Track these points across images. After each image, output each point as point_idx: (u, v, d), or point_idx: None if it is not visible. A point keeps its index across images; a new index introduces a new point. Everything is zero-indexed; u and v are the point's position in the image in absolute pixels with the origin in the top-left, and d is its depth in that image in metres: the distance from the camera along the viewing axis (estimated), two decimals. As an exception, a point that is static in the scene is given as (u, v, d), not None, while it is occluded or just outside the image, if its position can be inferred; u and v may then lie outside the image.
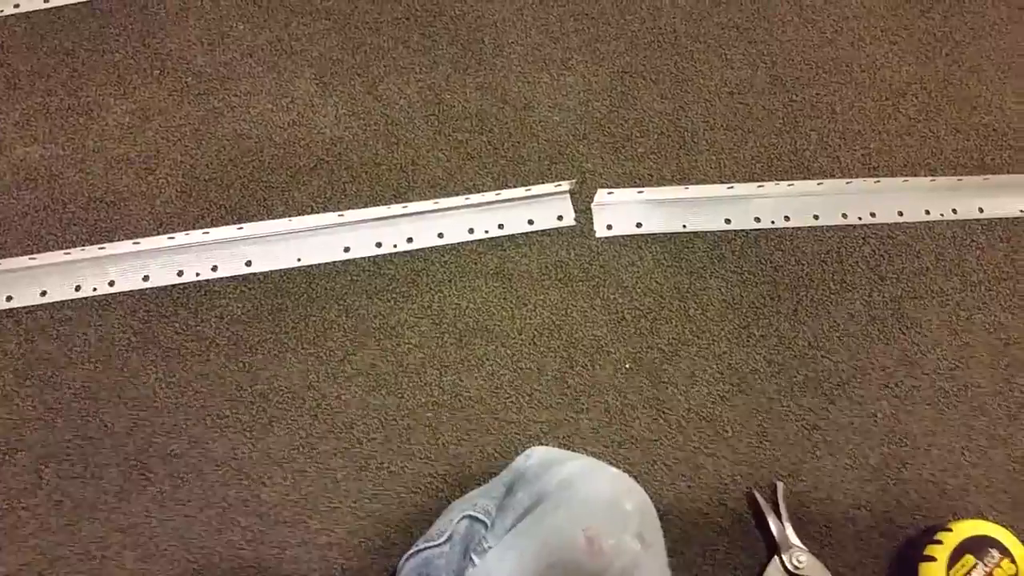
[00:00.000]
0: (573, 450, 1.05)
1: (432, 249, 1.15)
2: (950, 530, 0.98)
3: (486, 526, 0.85)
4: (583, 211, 1.19)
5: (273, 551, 0.98)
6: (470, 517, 0.86)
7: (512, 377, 1.09)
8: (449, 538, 0.85)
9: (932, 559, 0.97)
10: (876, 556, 1.03)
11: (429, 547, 0.85)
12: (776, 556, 0.98)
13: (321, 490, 1.01)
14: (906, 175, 1.26)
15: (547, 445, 1.05)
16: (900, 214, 1.23)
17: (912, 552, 1.00)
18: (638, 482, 0.93)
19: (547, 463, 0.91)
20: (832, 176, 1.25)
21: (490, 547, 0.82)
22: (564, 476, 0.87)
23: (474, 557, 0.82)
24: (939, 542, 0.98)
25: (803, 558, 0.97)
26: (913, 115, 1.31)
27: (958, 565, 0.96)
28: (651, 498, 0.89)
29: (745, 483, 1.04)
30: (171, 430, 1.02)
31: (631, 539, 0.81)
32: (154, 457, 1.01)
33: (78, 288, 1.08)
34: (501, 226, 1.17)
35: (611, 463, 1.03)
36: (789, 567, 0.97)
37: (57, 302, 1.08)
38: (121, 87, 1.22)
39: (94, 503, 0.99)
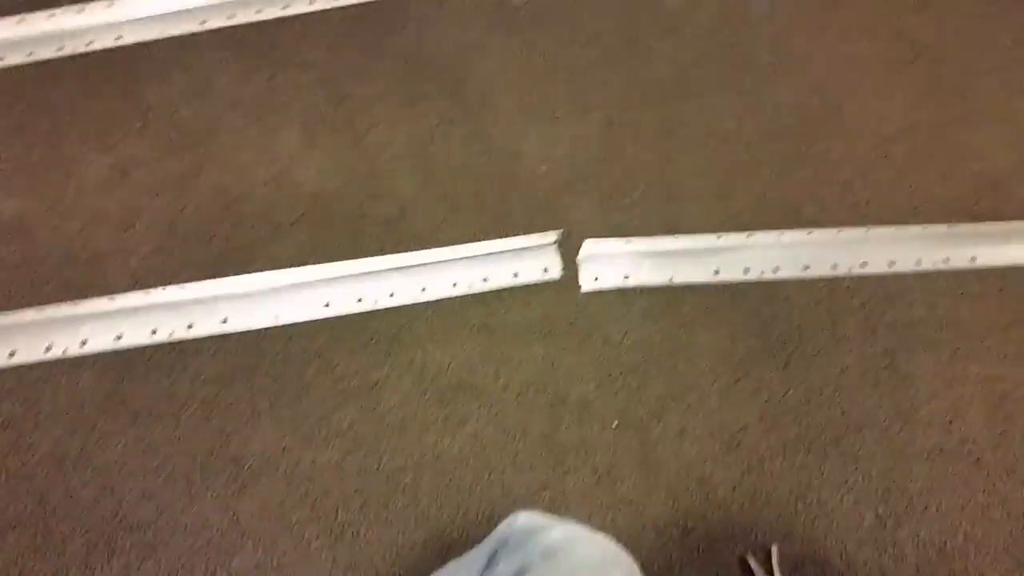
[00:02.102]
0: (559, 514, 1.01)
1: (415, 305, 1.12)
2: (952, 595, 0.94)
3: None
4: (569, 263, 1.17)
5: (244, 625, 0.94)
6: None
7: (496, 437, 1.05)
8: None
9: (934, 627, 0.93)
10: (875, 622, 0.99)
11: None
12: None
13: (294, 561, 0.97)
14: (897, 223, 1.24)
15: (532, 509, 1.01)
16: (891, 264, 1.21)
17: (912, 619, 0.96)
18: (626, 548, 0.89)
19: (530, 531, 0.87)
20: (822, 225, 1.23)
21: None
22: (548, 545, 0.83)
23: None
24: (940, 609, 0.94)
25: None
26: (903, 163, 1.30)
27: (961, 633, 0.92)
28: (640, 564, 0.85)
29: (738, 546, 1.00)
30: (139, 497, 0.99)
31: None
32: (121, 527, 0.97)
33: (49, 348, 1.05)
34: (485, 279, 1.14)
35: (599, 527, 0.99)
36: None
37: (26, 364, 1.05)
38: (102, 141, 1.20)
39: (56, 576, 0.95)
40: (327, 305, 1.10)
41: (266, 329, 1.09)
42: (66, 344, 1.06)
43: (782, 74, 1.37)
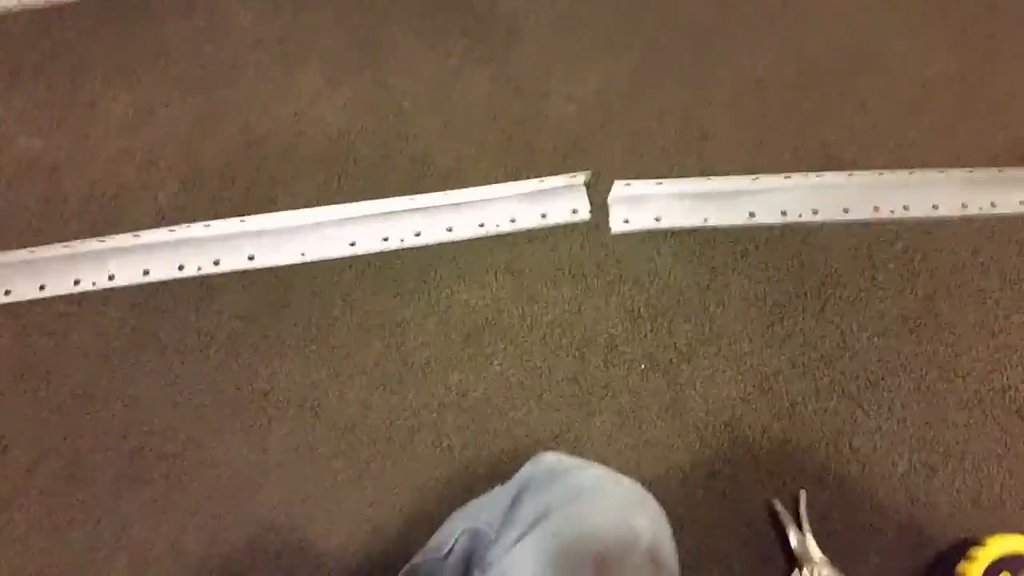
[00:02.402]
0: (584, 455, 0.99)
1: (441, 244, 1.11)
2: (984, 545, 0.92)
3: (489, 540, 0.80)
4: (599, 205, 1.14)
5: (267, 559, 0.94)
6: (472, 530, 0.81)
7: (522, 377, 1.04)
8: (450, 551, 0.80)
9: (965, 577, 0.90)
10: (904, 571, 0.97)
11: (428, 560, 0.81)
12: (796, 570, 0.93)
13: (319, 495, 0.97)
14: (942, 167, 1.19)
15: (557, 448, 1.00)
16: (935, 207, 1.16)
17: (943, 569, 0.94)
18: (651, 490, 0.87)
19: (556, 472, 0.85)
20: (862, 169, 1.19)
21: (492, 563, 0.77)
22: (573, 486, 0.81)
23: (476, 573, 0.77)
24: (972, 559, 0.91)
25: (825, 572, 0.92)
26: (947, 107, 1.24)
27: (993, 583, 0.90)
28: (665, 507, 0.83)
29: (765, 491, 0.99)
30: (167, 430, 0.99)
31: (641, 559, 0.75)
32: (149, 458, 0.98)
33: (77, 282, 1.06)
34: (513, 220, 1.12)
35: (623, 469, 0.98)
36: None
37: (55, 296, 1.05)
38: (125, 79, 1.19)
39: (87, 505, 0.96)
40: (353, 244, 1.09)
41: (292, 266, 1.08)
42: (94, 278, 1.06)
43: (820, 14, 1.31)
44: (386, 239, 1.10)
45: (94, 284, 1.06)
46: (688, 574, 0.93)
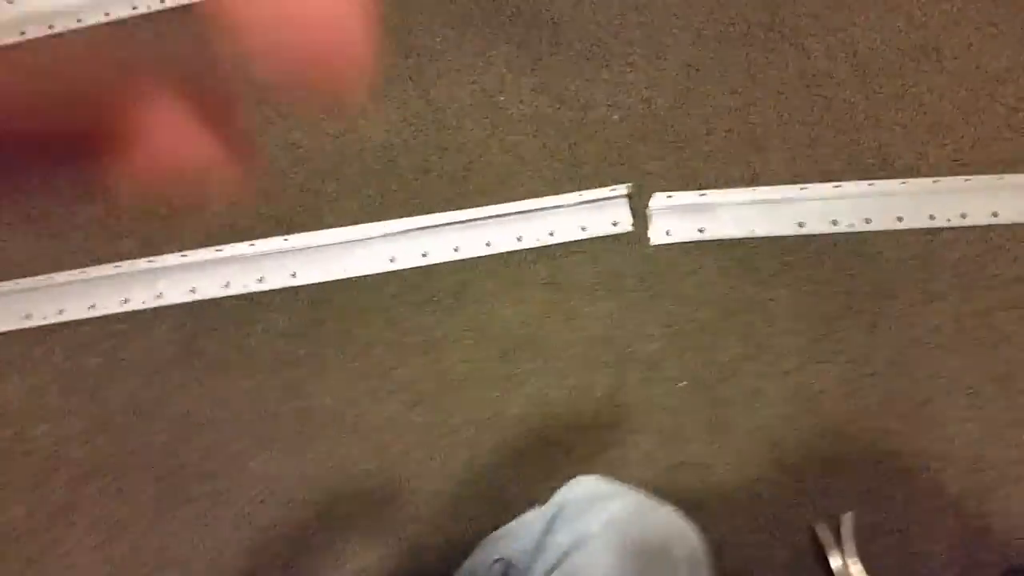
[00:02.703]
0: (621, 476, 0.98)
1: (479, 259, 1.11)
2: (1043, 575, 0.88)
3: (522, 569, 0.80)
4: (640, 216, 1.13)
5: None
6: (506, 561, 0.81)
7: (559, 395, 1.03)
8: None
9: (1020, 608, 0.87)
10: (958, 600, 0.93)
11: None
12: None
13: (357, 512, 0.99)
14: (1002, 172, 1.13)
15: (594, 470, 0.99)
16: (995, 215, 1.11)
17: (998, 598, 0.90)
18: (691, 513, 0.85)
19: (592, 498, 0.84)
20: (919, 174, 1.14)
21: None
22: (609, 517, 0.80)
23: None
24: (1029, 588, 0.87)
25: None
26: (1013, 104, 1.18)
27: (1050, 615, 0.86)
28: (704, 530, 0.82)
29: (809, 515, 0.96)
30: (210, 447, 1.02)
31: None
32: (192, 475, 1.01)
33: (126, 301, 1.09)
34: (552, 233, 1.11)
35: (662, 491, 0.96)
36: None
37: (106, 316, 1.09)
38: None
39: (130, 521, 0.99)
40: (392, 259, 1.10)
41: (334, 283, 1.09)
42: (143, 297, 1.09)
43: (874, 6, 1.26)
44: (425, 255, 1.10)
45: (143, 303, 1.09)
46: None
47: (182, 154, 0.28)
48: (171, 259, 1.09)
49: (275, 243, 1.09)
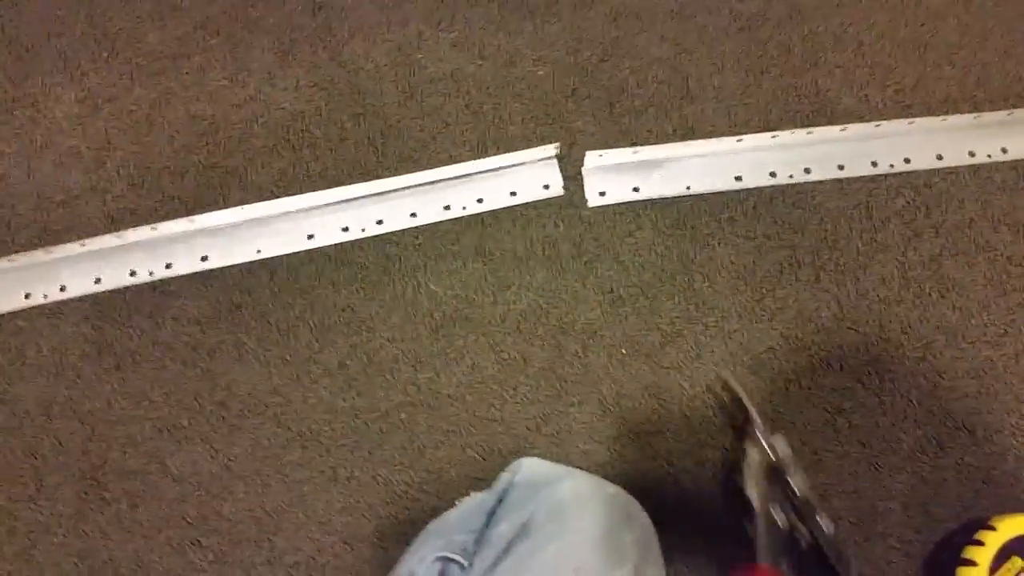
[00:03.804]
0: (565, 450, 0.94)
1: (405, 231, 1.04)
2: (994, 528, 0.85)
3: (462, 567, 0.75)
4: (572, 178, 1.07)
5: (236, 572, 0.91)
6: (444, 559, 0.75)
7: (495, 370, 0.98)
8: None
9: (972, 563, 0.84)
10: (908, 555, 0.91)
11: None
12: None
13: (287, 505, 0.93)
14: (946, 113, 1.09)
15: (536, 445, 0.95)
16: (939, 158, 1.07)
17: (949, 554, 0.88)
18: (637, 481, 0.82)
19: (535, 483, 0.79)
20: (861, 119, 1.09)
21: None
22: (554, 503, 0.75)
23: None
24: (980, 543, 0.85)
25: (780, 446, 0.77)
26: (955, 41, 1.14)
27: (1003, 569, 0.84)
28: (650, 501, 0.77)
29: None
30: (127, 444, 0.96)
31: None
32: (110, 475, 0.95)
33: (28, 296, 1.01)
34: (480, 200, 1.05)
35: (607, 462, 0.93)
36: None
37: (6, 313, 1.01)
38: (69, 74, 1.12)
39: (48, 526, 0.93)
40: (311, 236, 1.03)
41: (247, 264, 1.02)
42: (45, 290, 1.01)
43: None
44: (346, 229, 1.04)
45: (45, 297, 1.01)
46: (679, 565, 0.89)
47: None
48: (71, 248, 1.01)
49: (181, 225, 1.01)
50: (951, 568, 0.86)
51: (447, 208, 1.05)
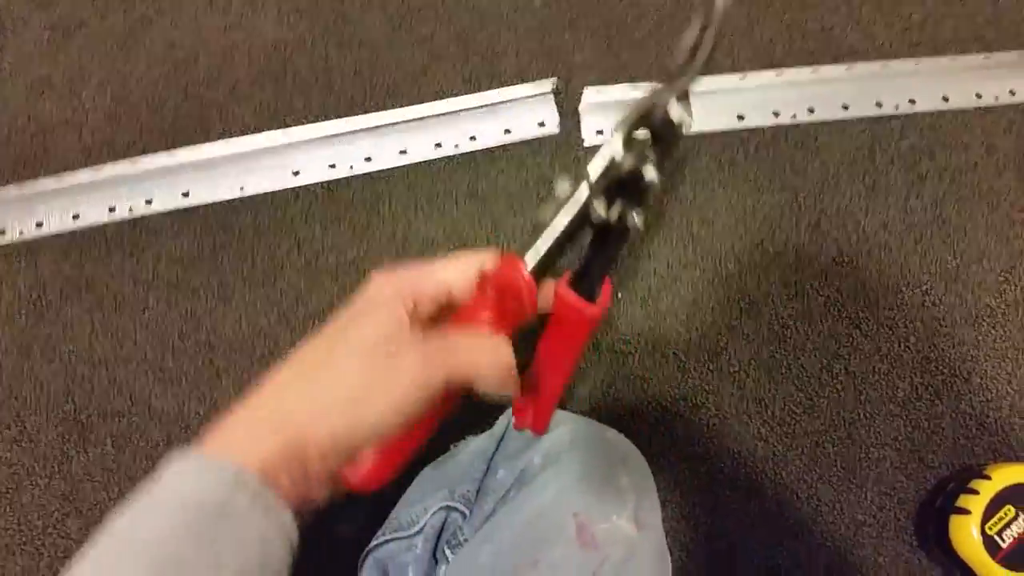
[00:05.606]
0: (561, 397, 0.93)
1: (394, 169, 1.01)
2: (988, 477, 0.85)
3: (464, 516, 0.74)
4: (569, 115, 1.03)
5: (225, 517, 0.90)
6: (447, 508, 0.74)
7: (487, 313, 0.96)
8: (420, 531, 0.73)
9: (966, 512, 0.84)
10: (902, 502, 0.91)
11: (396, 538, 0.74)
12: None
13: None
14: (954, 52, 1.06)
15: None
16: (945, 99, 1.04)
17: (943, 502, 0.88)
18: (632, 426, 0.80)
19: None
20: (866, 57, 1.06)
21: (466, 539, 0.71)
22: (552, 448, 0.74)
23: (448, 553, 0.71)
24: (975, 491, 0.84)
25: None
26: (966, -24, 1.10)
27: (996, 518, 0.83)
28: (643, 449, 0.76)
29: (752, 423, 0.92)
30: (110, 387, 0.93)
31: (626, 523, 0.69)
32: (94, 417, 0.92)
33: (2, 232, 0.97)
34: (473, 138, 1.01)
35: (602, 406, 0.91)
36: None
37: (-21, 250, 0.97)
38: (38, -2, 1.07)
39: (32, 469, 0.91)
40: (297, 173, 0.99)
41: (231, 202, 0.99)
42: (21, 227, 0.98)
43: None
44: (333, 166, 1.00)
45: (21, 233, 0.97)
46: (672, 514, 0.89)
47: None
48: (47, 183, 0.97)
49: (160, 159, 0.97)
50: (944, 516, 0.85)
51: (438, 146, 1.01)
